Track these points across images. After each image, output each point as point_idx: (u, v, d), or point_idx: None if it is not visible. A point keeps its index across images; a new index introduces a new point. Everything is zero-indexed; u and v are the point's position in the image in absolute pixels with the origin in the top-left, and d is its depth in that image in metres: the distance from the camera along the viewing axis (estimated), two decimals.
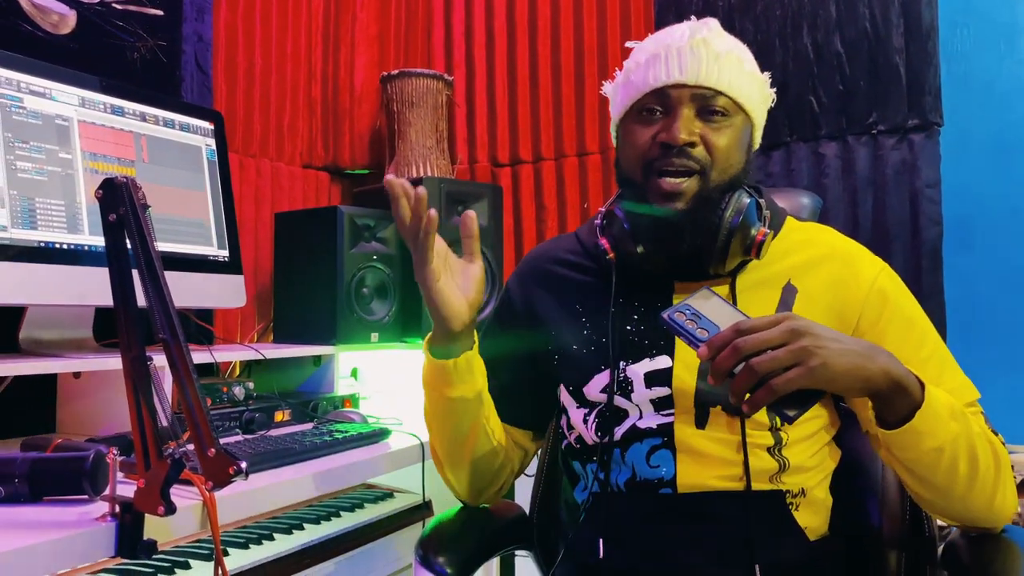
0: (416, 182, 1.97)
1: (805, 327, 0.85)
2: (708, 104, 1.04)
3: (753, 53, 1.09)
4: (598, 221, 1.15)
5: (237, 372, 1.97)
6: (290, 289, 1.96)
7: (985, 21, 2.08)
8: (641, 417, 1.06)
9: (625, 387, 1.07)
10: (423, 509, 1.57)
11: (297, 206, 2.25)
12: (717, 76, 1.03)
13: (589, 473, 1.10)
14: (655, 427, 1.05)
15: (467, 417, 1.11)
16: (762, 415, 1.01)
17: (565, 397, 1.13)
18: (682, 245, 1.03)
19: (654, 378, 1.06)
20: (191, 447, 0.91)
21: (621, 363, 1.07)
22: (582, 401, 1.11)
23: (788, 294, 1.06)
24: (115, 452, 0.94)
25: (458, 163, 2.46)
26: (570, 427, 1.14)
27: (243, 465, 0.87)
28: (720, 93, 1.04)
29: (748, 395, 0.84)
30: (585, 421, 1.10)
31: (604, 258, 1.10)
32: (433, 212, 1.00)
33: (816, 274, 1.08)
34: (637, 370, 1.07)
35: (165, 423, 0.91)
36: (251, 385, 1.62)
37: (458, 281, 1.06)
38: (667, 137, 1.03)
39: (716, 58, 1.03)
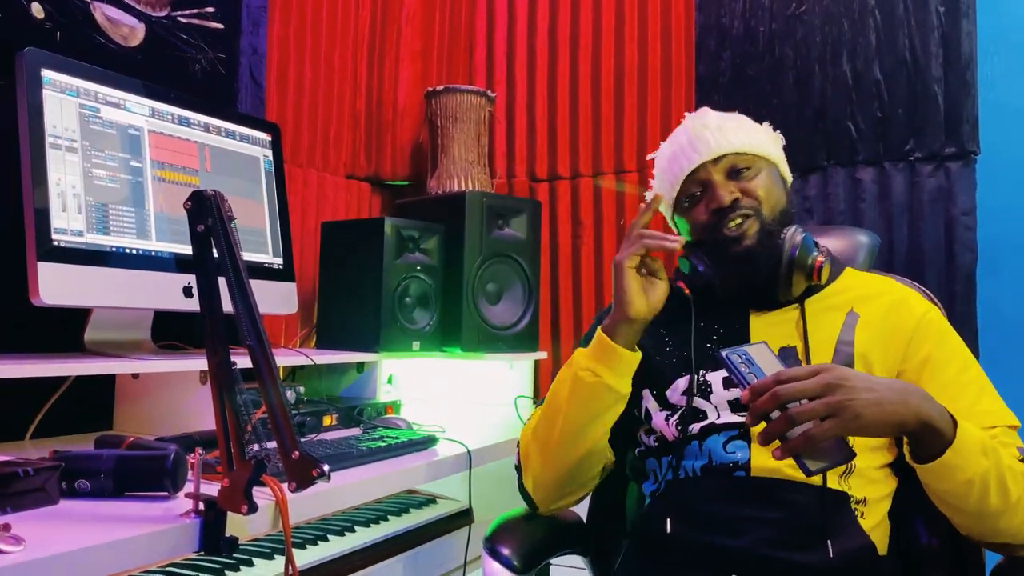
0: (459, 195, 2.06)
1: (840, 378, 0.93)
2: (732, 165, 1.22)
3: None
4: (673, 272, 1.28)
5: (282, 377, 2.02)
6: (335, 296, 2.01)
7: (1016, 49, 2.11)
8: (719, 416, 1.16)
9: (705, 389, 1.18)
10: (466, 516, 1.61)
11: (340, 215, 2.30)
12: (726, 141, 1.22)
13: (664, 464, 1.19)
14: (731, 423, 1.15)
15: (606, 410, 1.18)
16: None
17: (649, 401, 1.23)
18: (757, 275, 1.17)
19: (732, 381, 1.14)
20: (254, 448, 0.95)
21: (701, 371, 1.19)
22: (664, 404, 1.21)
23: (851, 318, 1.18)
24: (200, 452, 0.98)
25: (496, 177, 2.51)
26: (649, 432, 1.23)
27: (326, 468, 0.92)
28: (736, 152, 1.22)
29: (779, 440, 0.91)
30: (667, 421, 1.19)
31: (682, 295, 1.24)
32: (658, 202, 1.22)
33: (875, 304, 1.21)
34: (716, 376, 1.18)
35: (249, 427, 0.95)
36: (301, 389, 1.66)
37: (644, 285, 1.18)
38: (715, 203, 1.20)
39: (718, 129, 1.23)
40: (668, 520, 1.12)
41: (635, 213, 2.39)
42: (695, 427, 1.16)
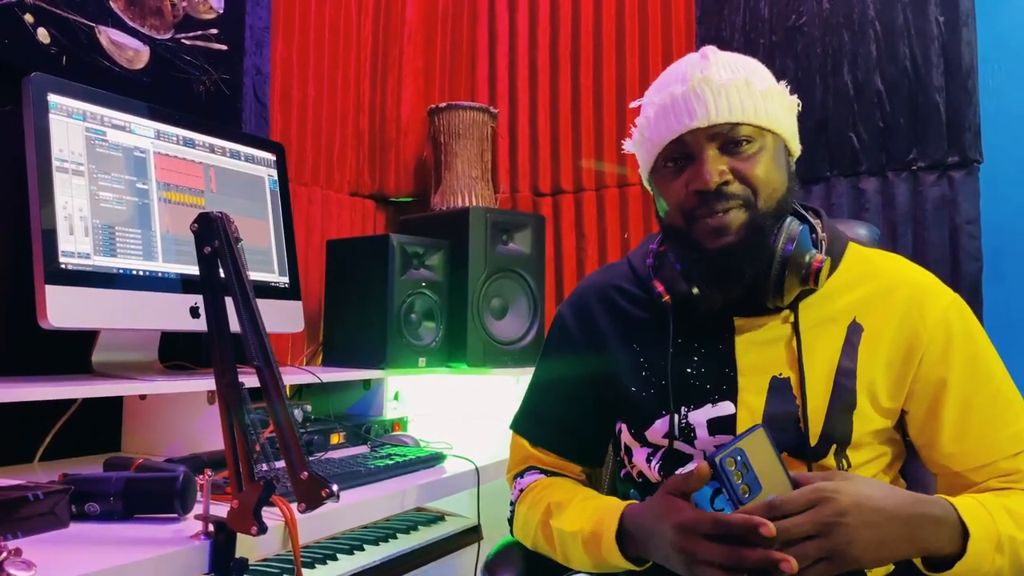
0: (463, 211, 2.07)
1: (838, 514, 0.85)
2: (729, 137, 1.01)
3: (793, 89, 1.09)
4: (649, 260, 1.14)
5: (288, 395, 2.02)
6: (341, 314, 2.02)
7: (1017, 57, 2.11)
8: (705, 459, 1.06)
9: (688, 434, 1.06)
10: (474, 533, 1.61)
11: (344, 233, 2.31)
12: (728, 109, 1.00)
13: None
14: None
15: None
16: (829, 458, 1.01)
17: (627, 437, 1.13)
18: (740, 279, 1.02)
19: (717, 425, 1.04)
20: (263, 468, 0.95)
21: (683, 408, 1.06)
22: (644, 442, 1.10)
23: (854, 333, 1.04)
24: (209, 473, 0.99)
25: (500, 192, 2.52)
26: (631, 462, 1.14)
27: (335, 488, 0.92)
28: (737, 124, 1.01)
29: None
30: (648, 461, 1.10)
31: (659, 301, 1.09)
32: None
33: (882, 310, 1.05)
34: (699, 417, 1.05)
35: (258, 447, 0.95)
36: (308, 407, 1.67)
37: None
38: (699, 184, 1.00)
39: (721, 91, 1.00)
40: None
41: (639, 226, 2.42)
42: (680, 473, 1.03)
